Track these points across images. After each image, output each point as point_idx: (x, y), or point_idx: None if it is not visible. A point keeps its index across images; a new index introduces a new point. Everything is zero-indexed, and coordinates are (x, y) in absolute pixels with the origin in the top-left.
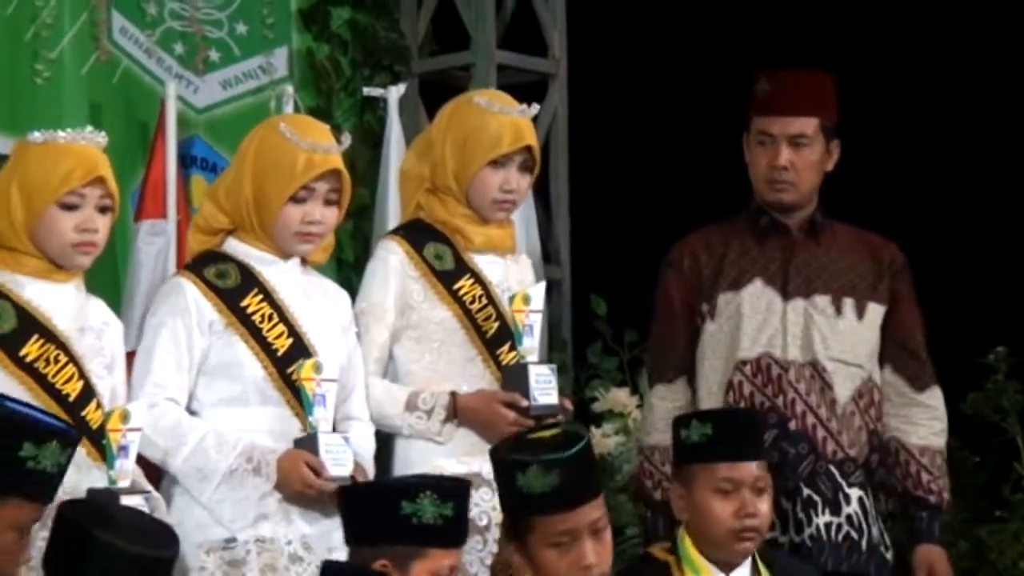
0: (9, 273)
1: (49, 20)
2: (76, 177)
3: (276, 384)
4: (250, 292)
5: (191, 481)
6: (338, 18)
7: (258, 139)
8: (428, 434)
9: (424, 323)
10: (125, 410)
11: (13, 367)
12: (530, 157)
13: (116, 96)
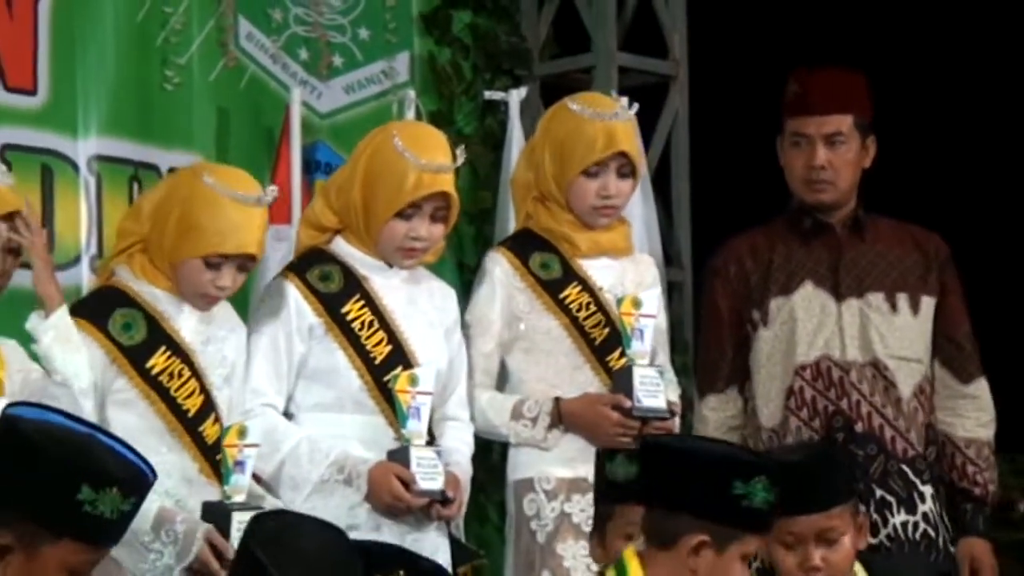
0: (147, 284)
1: (178, 27)
2: None
3: (372, 393)
4: (352, 298)
5: (283, 489)
6: (459, 22)
7: (373, 146)
8: (534, 441)
9: (532, 334)
10: (243, 425)
11: (138, 379)
12: (627, 162)
13: (243, 102)
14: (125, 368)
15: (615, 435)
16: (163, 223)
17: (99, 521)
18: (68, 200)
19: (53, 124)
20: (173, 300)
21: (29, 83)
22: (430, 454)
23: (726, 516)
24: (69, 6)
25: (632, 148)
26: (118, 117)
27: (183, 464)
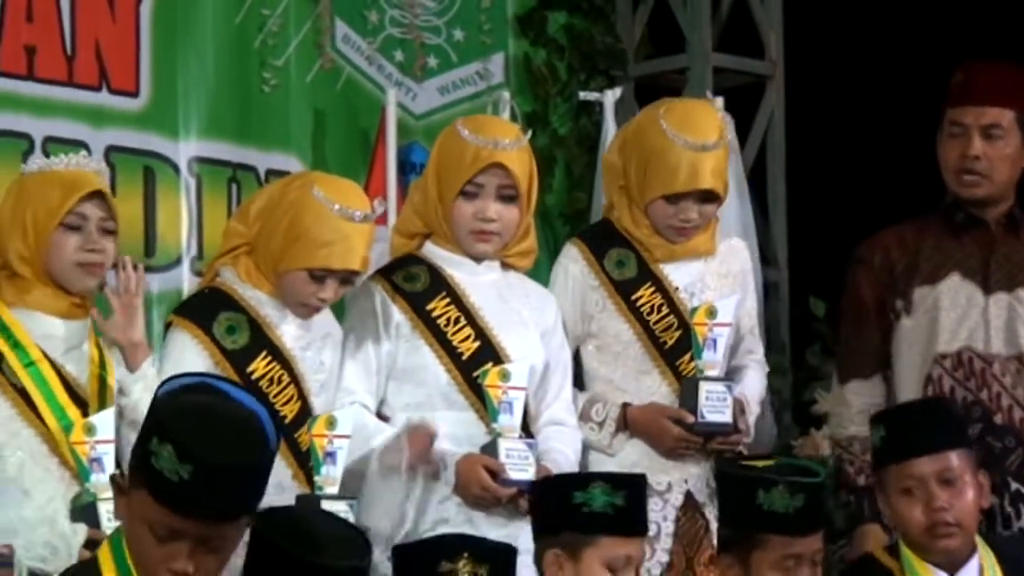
0: (252, 288)
1: (275, 29)
2: None
3: (461, 388)
4: (437, 295)
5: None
6: (554, 23)
7: (440, 139)
8: (599, 445)
9: (603, 333)
10: (331, 416)
11: (239, 383)
12: (711, 193)
13: (339, 103)
14: (228, 372)
15: (676, 448)
16: (271, 229)
17: (160, 477)
18: (169, 202)
19: (155, 126)
20: (276, 305)
21: (132, 85)
22: (521, 446)
23: (572, 525)
24: (170, 8)
25: (717, 182)
26: (217, 119)
27: (278, 470)
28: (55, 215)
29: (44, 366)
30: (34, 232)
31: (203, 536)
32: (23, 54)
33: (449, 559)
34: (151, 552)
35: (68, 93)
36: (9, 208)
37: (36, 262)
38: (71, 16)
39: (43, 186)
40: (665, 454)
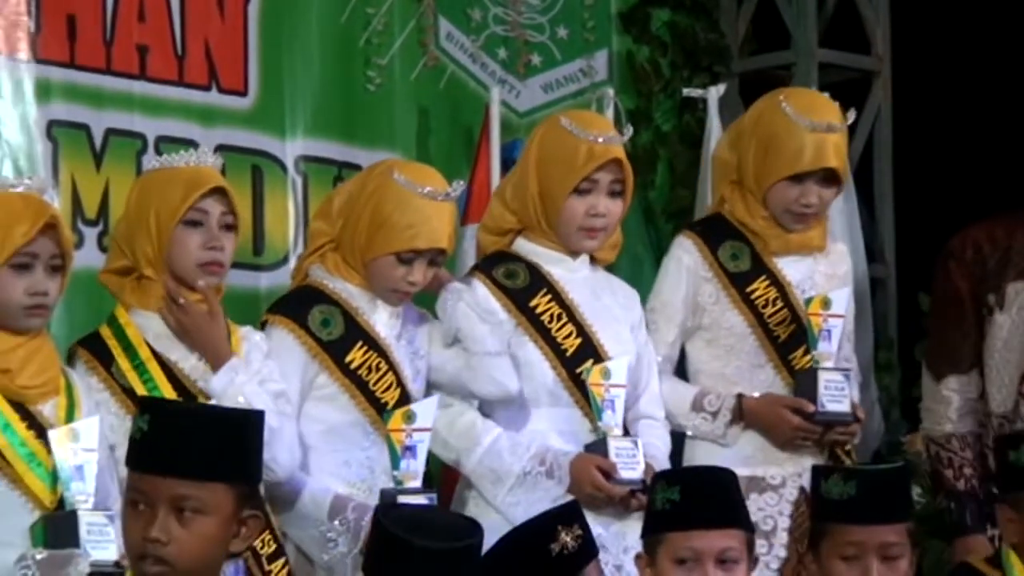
0: (341, 281)
1: (380, 27)
2: None
3: (566, 385)
4: (539, 292)
5: (485, 483)
6: (658, 20)
7: (540, 135)
8: (713, 436)
9: (715, 326)
10: (409, 410)
11: (339, 373)
12: (833, 174)
13: (443, 101)
14: (326, 363)
15: (794, 439)
16: (354, 221)
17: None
18: (277, 200)
19: (262, 125)
20: (366, 296)
21: (240, 84)
22: (628, 444)
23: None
24: (276, 8)
25: (840, 163)
26: (323, 118)
27: (384, 457)
28: (177, 212)
29: (152, 365)
30: (157, 231)
31: (175, 498)
32: (135, 54)
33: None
34: (130, 529)
35: (179, 92)
36: (133, 209)
37: (160, 261)
38: (181, 16)
39: (164, 184)
40: (781, 446)
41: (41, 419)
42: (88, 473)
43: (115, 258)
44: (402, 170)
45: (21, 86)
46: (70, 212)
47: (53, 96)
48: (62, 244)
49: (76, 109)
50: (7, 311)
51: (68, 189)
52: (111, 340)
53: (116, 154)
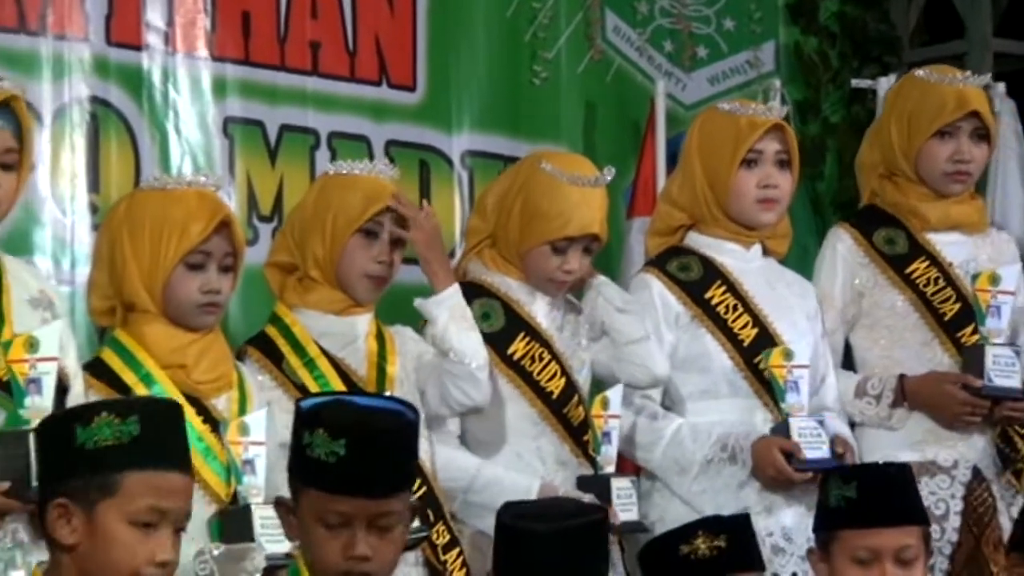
0: (499, 275)
1: (546, 21)
2: None
3: (744, 374)
4: (713, 283)
5: (669, 474)
6: (826, 11)
7: (698, 125)
8: (878, 420)
9: (875, 309)
10: (606, 396)
11: (502, 365)
12: (981, 124)
13: (609, 94)
14: (490, 355)
15: (962, 414)
16: (507, 215)
17: (318, 464)
18: (444, 194)
19: (430, 120)
20: (525, 288)
21: (409, 80)
22: (812, 424)
23: (819, 523)
24: (444, 3)
25: (984, 109)
26: (489, 112)
27: (556, 448)
28: (355, 221)
29: (322, 361)
30: (332, 236)
31: (372, 516)
32: (308, 50)
33: (685, 542)
34: (328, 548)
35: (350, 88)
36: (310, 209)
37: (328, 266)
38: (352, 12)
39: (344, 190)
40: (949, 424)
41: (215, 413)
42: (259, 466)
43: (280, 251)
44: (550, 160)
45: (199, 83)
46: (245, 208)
47: (229, 93)
48: (235, 242)
49: (251, 106)
50: (182, 308)
51: (243, 185)
52: (279, 339)
53: (290, 150)
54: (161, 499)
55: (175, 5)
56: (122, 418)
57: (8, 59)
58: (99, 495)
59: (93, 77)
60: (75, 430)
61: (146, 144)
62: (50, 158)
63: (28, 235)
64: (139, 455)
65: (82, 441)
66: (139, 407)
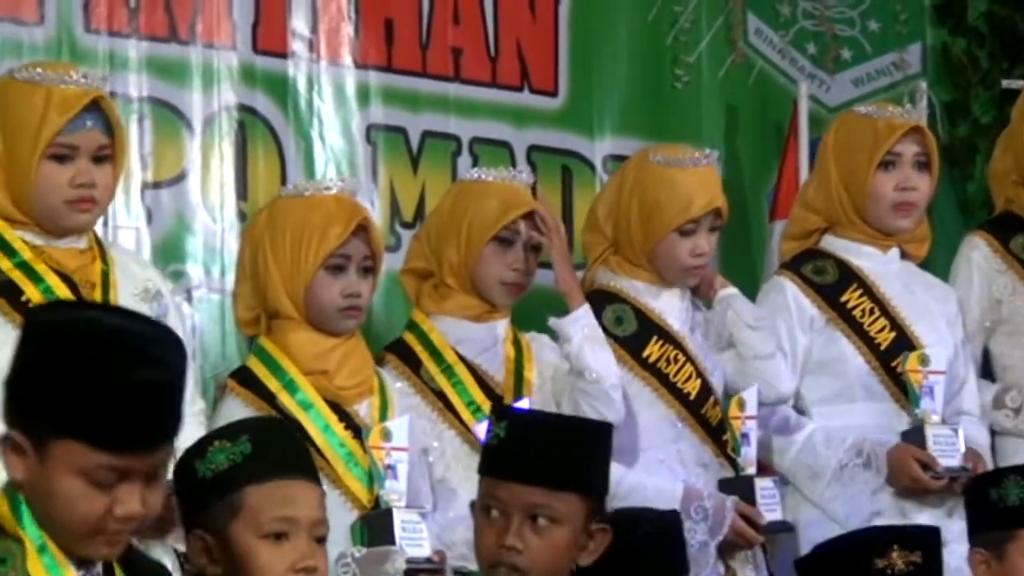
0: (627, 279)
1: (687, 25)
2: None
3: (880, 378)
4: (849, 287)
5: (801, 479)
6: (975, 11)
7: (834, 129)
8: (1016, 431)
9: (1015, 316)
10: (742, 398)
11: (638, 368)
12: None
13: (751, 98)
14: (624, 359)
15: None
16: (626, 219)
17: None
18: (586, 199)
19: (572, 125)
20: (655, 290)
21: (550, 85)
22: (947, 431)
23: (990, 523)
24: (585, 7)
25: None
26: (631, 116)
27: (696, 450)
28: (490, 229)
29: (459, 368)
30: (467, 243)
31: (529, 506)
32: (450, 56)
33: (880, 555)
34: (484, 535)
35: (492, 94)
36: (446, 216)
37: (463, 273)
38: (494, 18)
39: (479, 197)
40: None
41: (357, 419)
42: (400, 472)
43: (416, 258)
44: (655, 152)
45: (343, 91)
46: (388, 215)
47: (372, 100)
48: (373, 245)
49: (393, 112)
50: (323, 313)
51: (386, 192)
52: (416, 345)
53: (432, 156)
54: (286, 508)
55: (320, 13)
56: (233, 441)
57: (159, 68)
58: (227, 518)
59: (240, 85)
60: (195, 465)
61: (291, 152)
62: (200, 166)
63: (180, 243)
64: (254, 469)
65: (202, 473)
66: (247, 427)
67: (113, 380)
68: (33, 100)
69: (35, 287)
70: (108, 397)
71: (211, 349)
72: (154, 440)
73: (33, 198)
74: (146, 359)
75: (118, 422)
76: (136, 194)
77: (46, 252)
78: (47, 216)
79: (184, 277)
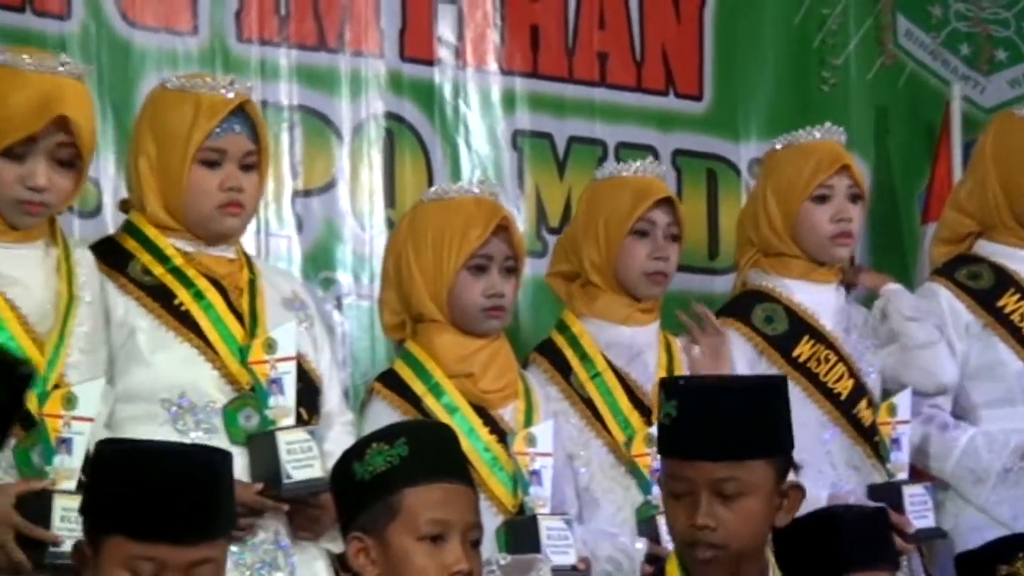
0: (776, 277)
1: (835, 27)
2: (823, 169)
3: None
4: (1006, 291)
5: (964, 484)
6: None
7: (993, 131)
8: None
9: None
10: (892, 403)
11: (788, 367)
12: None
13: (901, 99)
14: (773, 358)
15: None
16: (766, 217)
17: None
18: (731, 203)
19: (717, 129)
20: (805, 287)
21: (695, 89)
22: None
23: None
24: (731, 11)
25: None
26: (776, 120)
27: (847, 451)
28: (626, 222)
29: (608, 376)
30: (605, 239)
31: (715, 482)
32: (595, 61)
33: (1006, 562)
34: (675, 517)
35: (637, 99)
36: (583, 215)
37: (606, 269)
38: (640, 22)
39: (614, 192)
40: None
41: (502, 424)
42: (545, 477)
43: (560, 261)
44: (780, 144)
45: (489, 97)
46: (534, 221)
47: (518, 106)
48: (515, 245)
49: (539, 118)
50: (466, 314)
51: (532, 198)
52: (567, 349)
53: (578, 162)
54: (442, 510)
55: (466, 19)
56: (390, 443)
57: (309, 77)
58: (385, 520)
59: (388, 93)
60: (353, 467)
61: (438, 159)
62: (349, 174)
63: (330, 251)
64: (411, 472)
65: (360, 475)
66: (404, 430)
67: (146, 477)
68: (183, 108)
69: (187, 291)
70: (142, 493)
71: (361, 356)
72: (184, 534)
73: (185, 205)
74: (178, 462)
75: (150, 514)
76: (287, 202)
77: (196, 259)
78: (198, 222)
79: (334, 285)
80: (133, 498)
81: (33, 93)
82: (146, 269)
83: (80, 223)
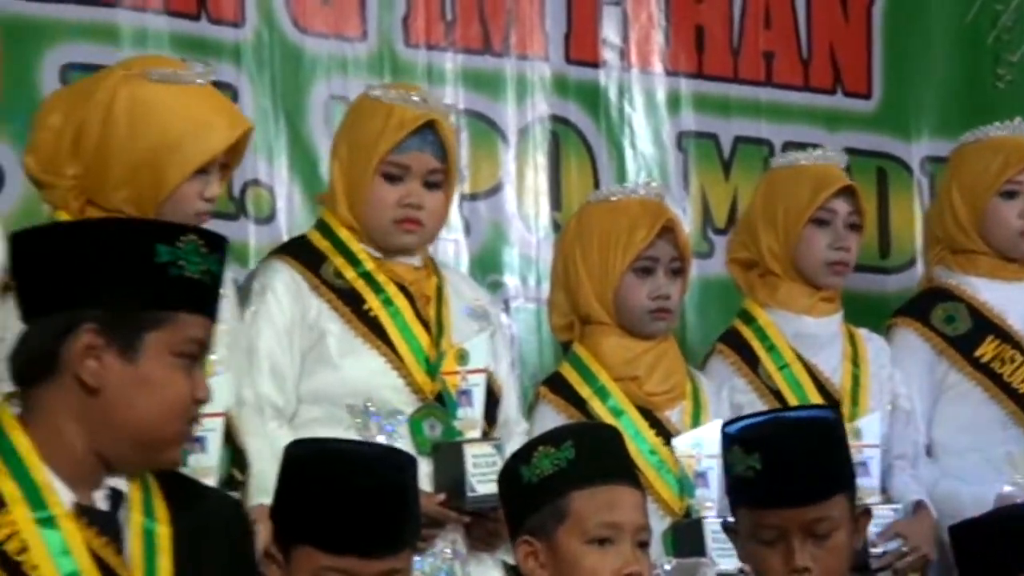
0: (962, 275)
1: (1009, 23)
2: (1012, 164)
3: None
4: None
5: None
6: None
7: None
8: None
9: None
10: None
11: (969, 368)
12: None
13: None
14: (954, 359)
15: None
16: (951, 211)
17: (324, 526)
18: (902, 202)
19: (887, 127)
20: (992, 285)
21: (864, 87)
22: None
23: None
24: (900, 8)
25: None
26: (948, 118)
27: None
28: (805, 211)
29: (797, 367)
30: (784, 228)
31: (807, 524)
32: (761, 61)
33: None
34: (770, 565)
35: (804, 97)
36: (760, 204)
37: (786, 258)
38: (807, 20)
39: (791, 181)
40: None
41: (669, 426)
42: (712, 480)
43: (737, 249)
44: (965, 137)
45: (653, 98)
46: (700, 222)
47: (683, 107)
48: (680, 246)
49: (704, 119)
50: (633, 316)
51: (698, 199)
52: (753, 341)
53: (744, 162)
54: (611, 513)
55: (630, 21)
56: (557, 446)
57: (475, 80)
58: (554, 523)
59: (553, 96)
60: (520, 470)
61: (603, 161)
62: (515, 177)
63: (497, 254)
64: (579, 475)
65: (528, 478)
66: (571, 433)
67: (336, 488)
68: (375, 118)
69: (376, 297)
70: (331, 504)
71: (529, 359)
72: (375, 548)
73: (365, 214)
74: (367, 471)
75: (339, 526)
76: (454, 206)
77: (386, 265)
78: (375, 234)
79: (501, 288)
80: (325, 510)
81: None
82: (338, 272)
83: (255, 229)
